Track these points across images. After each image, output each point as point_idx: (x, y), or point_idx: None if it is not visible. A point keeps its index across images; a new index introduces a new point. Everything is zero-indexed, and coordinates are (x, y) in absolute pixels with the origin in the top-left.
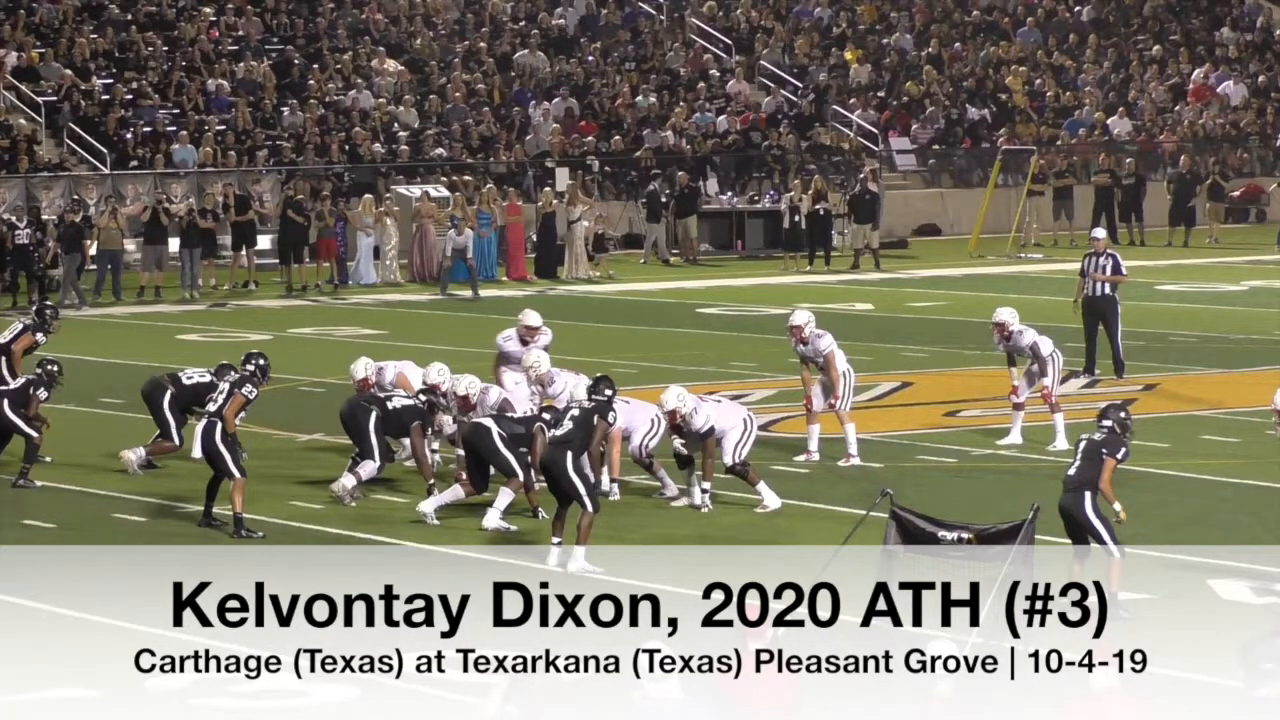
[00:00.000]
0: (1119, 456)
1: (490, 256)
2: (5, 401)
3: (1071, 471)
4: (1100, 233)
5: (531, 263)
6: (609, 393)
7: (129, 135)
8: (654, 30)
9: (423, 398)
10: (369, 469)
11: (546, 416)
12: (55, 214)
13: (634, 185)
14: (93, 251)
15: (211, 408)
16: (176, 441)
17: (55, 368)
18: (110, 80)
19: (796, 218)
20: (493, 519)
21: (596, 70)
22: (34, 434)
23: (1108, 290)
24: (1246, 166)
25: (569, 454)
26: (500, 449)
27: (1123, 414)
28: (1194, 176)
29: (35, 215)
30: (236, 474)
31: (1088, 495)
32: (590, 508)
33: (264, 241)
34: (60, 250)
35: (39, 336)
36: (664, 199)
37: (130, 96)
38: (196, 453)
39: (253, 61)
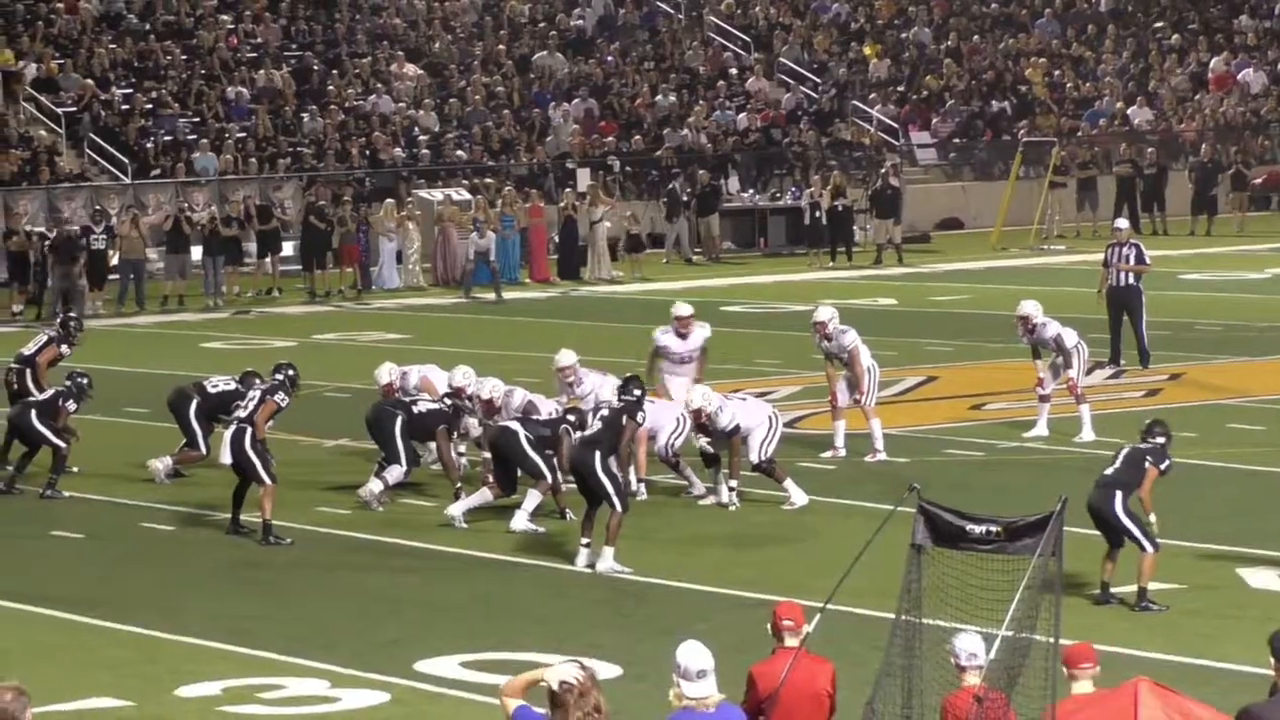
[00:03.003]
0: (1163, 468)
1: (514, 259)
2: (34, 412)
3: (1108, 471)
4: (1123, 223)
5: (554, 264)
6: (638, 393)
7: (149, 144)
8: (672, 29)
9: (448, 401)
10: (395, 474)
11: (571, 418)
12: (77, 224)
13: (655, 185)
14: (114, 261)
15: (241, 414)
16: (203, 450)
17: (85, 380)
18: (130, 90)
19: (817, 214)
20: (520, 521)
21: (615, 70)
22: (62, 445)
23: (1131, 280)
24: (1268, 154)
25: (597, 454)
26: (528, 451)
27: (1166, 428)
28: (1215, 165)
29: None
30: (267, 480)
31: (1119, 494)
32: (619, 508)
33: (287, 248)
34: (53, 261)
35: (63, 348)
36: (685, 198)
37: (150, 106)
38: (226, 458)
39: (272, 69)
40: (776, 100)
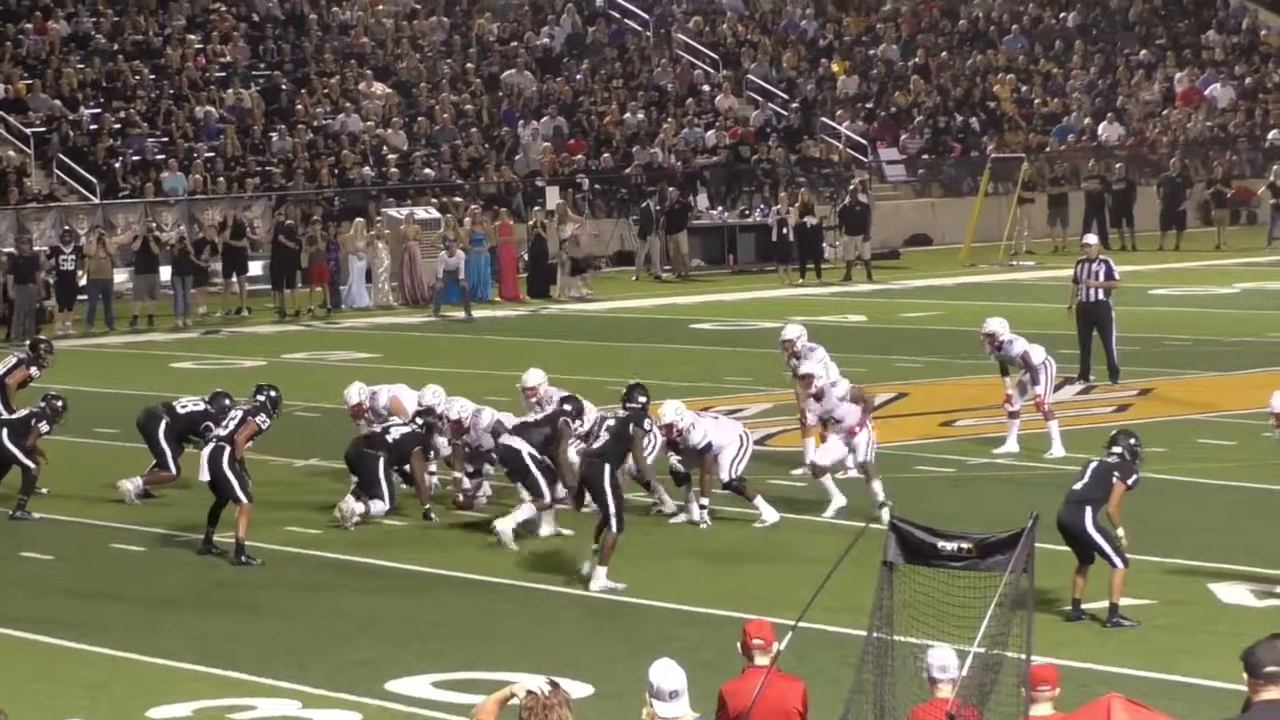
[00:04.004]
0: (1130, 483)
1: (484, 277)
2: (4, 432)
3: (1077, 486)
4: (1092, 239)
5: (524, 282)
6: (642, 400)
7: (118, 164)
8: (641, 47)
9: (419, 421)
10: (378, 508)
11: (568, 407)
12: (45, 245)
13: (624, 202)
14: (83, 282)
15: (221, 432)
16: (173, 471)
17: (60, 403)
18: (98, 110)
19: (786, 231)
20: (505, 525)
21: (584, 88)
22: (31, 466)
23: (1101, 296)
24: (1236, 169)
25: (606, 467)
26: (531, 469)
27: (1133, 440)
28: (1184, 180)
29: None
30: (244, 499)
31: (1088, 510)
32: (615, 527)
33: (255, 268)
34: (13, 281)
35: (33, 370)
36: (655, 215)
37: (119, 126)
38: (204, 475)
39: (240, 88)
40: (745, 117)
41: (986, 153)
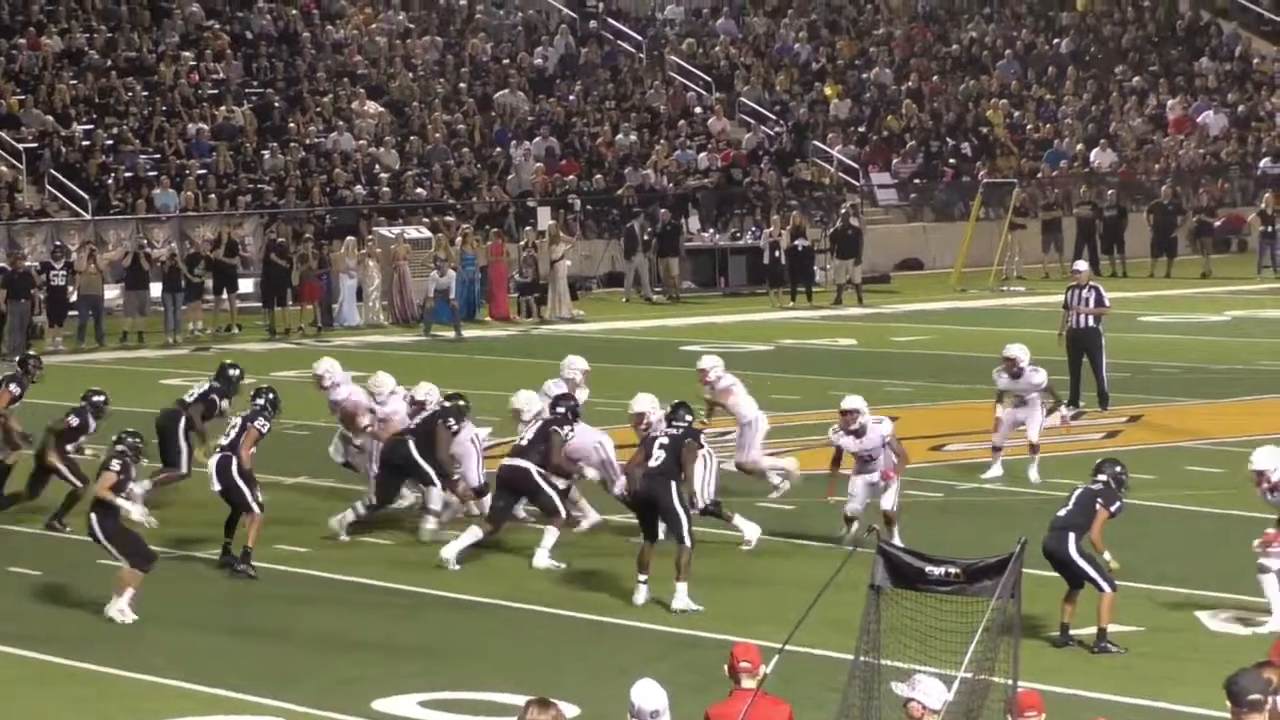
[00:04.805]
0: (1113, 509)
1: (475, 297)
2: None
3: (1061, 513)
4: (1082, 265)
5: (515, 302)
6: (689, 418)
7: (110, 181)
8: (634, 69)
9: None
10: (436, 497)
11: (560, 409)
12: (36, 260)
13: (616, 224)
14: (74, 298)
15: (224, 441)
16: (185, 470)
17: (102, 398)
18: (91, 126)
19: (777, 254)
20: (542, 559)
21: (577, 109)
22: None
23: (1091, 323)
24: (1227, 197)
25: (672, 484)
26: (543, 487)
27: (1118, 469)
28: (1175, 207)
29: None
30: (255, 508)
31: (1072, 536)
32: (689, 542)
33: (246, 285)
34: (5, 296)
35: (13, 388)
36: (645, 236)
37: (111, 142)
38: (215, 486)
39: (233, 105)
40: (737, 140)
41: (978, 178)
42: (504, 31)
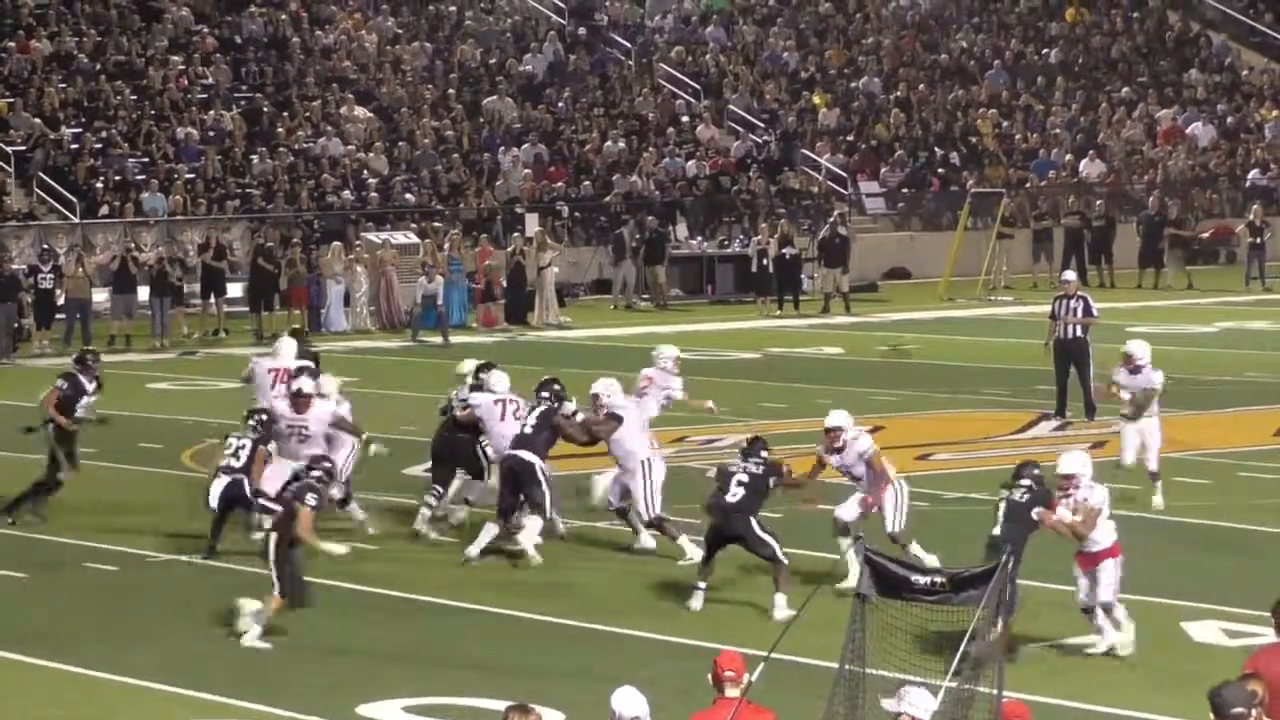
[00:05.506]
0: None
1: (463, 302)
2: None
3: (996, 531)
4: (1070, 275)
5: (501, 309)
6: (765, 454)
7: (99, 184)
8: (623, 76)
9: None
10: (478, 490)
11: (545, 394)
12: (24, 263)
13: (604, 230)
14: (61, 301)
15: (235, 463)
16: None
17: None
18: (79, 129)
19: (765, 262)
20: (530, 546)
21: (566, 116)
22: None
23: (1079, 333)
24: (1216, 208)
25: (751, 520)
26: (541, 484)
27: (1036, 471)
28: (1164, 218)
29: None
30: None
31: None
32: (784, 560)
33: (234, 289)
34: None
35: (60, 384)
36: (633, 243)
37: (99, 145)
38: (214, 503)
39: (222, 110)
40: (726, 148)
41: (967, 187)
42: (493, 38)
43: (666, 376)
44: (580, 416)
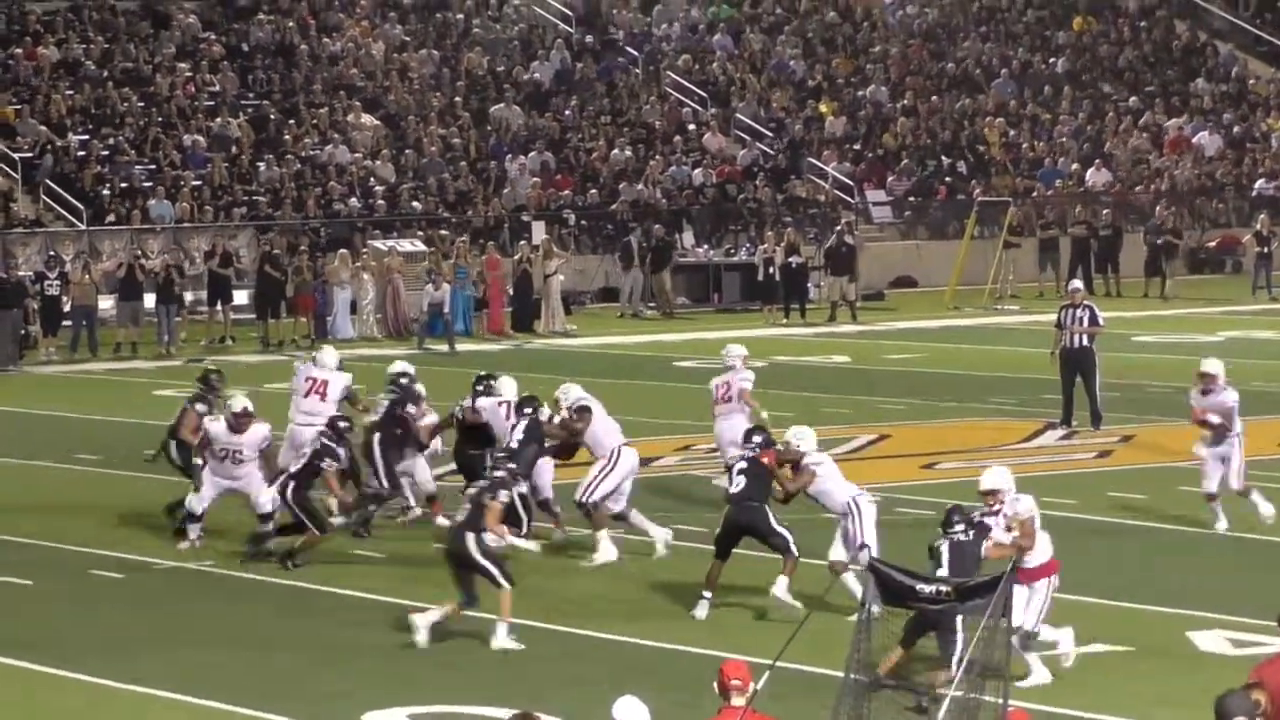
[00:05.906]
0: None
1: (469, 310)
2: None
3: (943, 573)
4: (1077, 284)
5: (508, 316)
6: (758, 439)
7: (105, 191)
8: (630, 84)
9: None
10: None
11: (527, 410)
12: (31, 270)
13: (610, 238)
14: (67, 308)
15: (294, 469)
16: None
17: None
18: (87, 136)
19: (771, 270)
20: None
21: (572, 124)
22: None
23: (1085, 342)
24: (1222, 217)
25: (767, 511)
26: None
27: (965, 507)
28: (1170, 228)
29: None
30: (317, 530)
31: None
32: (796, 553)
33: (240, 296)
34: None
35: (199, 407)
36: (640, 251)
37: (107, 152)
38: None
39: (229, 117)
40: (732, 156)
41: (973, 196)
42: (500, 46)
43: (738, 374)
44: (556, 420)
